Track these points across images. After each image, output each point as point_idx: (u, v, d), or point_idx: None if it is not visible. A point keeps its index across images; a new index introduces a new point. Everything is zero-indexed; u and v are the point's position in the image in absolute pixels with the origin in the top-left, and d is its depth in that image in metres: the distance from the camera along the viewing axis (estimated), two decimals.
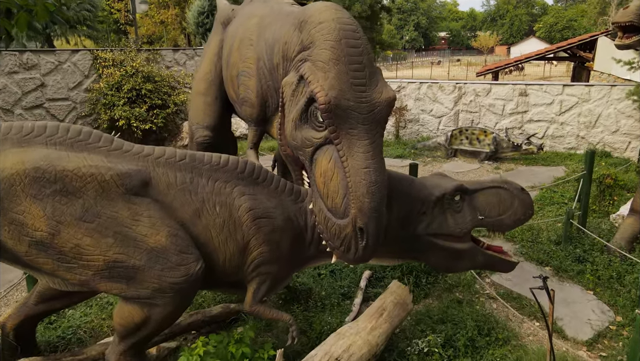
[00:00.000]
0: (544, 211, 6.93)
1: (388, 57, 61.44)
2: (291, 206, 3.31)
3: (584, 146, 10.70)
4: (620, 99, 10.23)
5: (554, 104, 10.87)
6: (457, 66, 54.83)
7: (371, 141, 2.83)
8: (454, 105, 11.81)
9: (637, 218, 5.15)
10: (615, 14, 3.56)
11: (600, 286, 4.68)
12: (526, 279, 4.89)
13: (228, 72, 4.62)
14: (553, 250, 5.34)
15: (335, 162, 2.88)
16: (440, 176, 3.72)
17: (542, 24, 67.78)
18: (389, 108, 2.90)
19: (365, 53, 2.89)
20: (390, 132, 12.46)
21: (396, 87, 12.27)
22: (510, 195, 3.64)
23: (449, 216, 3.46)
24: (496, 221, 3.57)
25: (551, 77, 39.39)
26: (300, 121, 3.03)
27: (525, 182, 8.57)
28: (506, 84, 11.41)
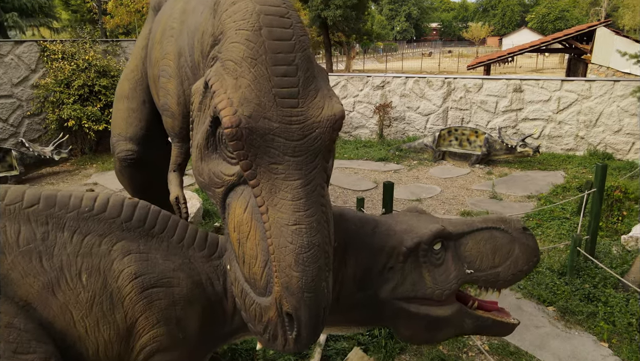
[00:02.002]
0: (543, 228, 6.03)
1: (379, 48, 60.54)
2: (203, 265, 2.35)
3: (583, 147, 9.84)
4: (623, 95, 9.34)
5: (552, 101, 9.97)
6: (448, 58, 53.94)
7: (305, 182, 1.87)
8: (442, 102, 10.87)
9: None
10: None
11: (617, 336, 3.79)
12: (526, 326, 3.99)
13: (151, 71, 3.64)
14: (557, 285, 4.44)
15: (253, 214, 1.94)
16: (416, 215, 2.78)
17: (534, 14, 66.89)
18: (334, 131, 1.95)
19: (300, 48, 1.93)
20: (373, 132, 11.51)
21: (380, 82, 11.32)
22: (508, 239, 2.71)
23: (425, 273, 2.53)
24: (490, 275, 2.64)
25: (544, 70, 38.63)
26: (206, 148, 2.07)
27: (522, 190, 7.69)
28: (499, 78, 10.48)
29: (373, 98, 11.46)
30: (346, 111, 11.69)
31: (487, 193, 7.58)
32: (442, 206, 7.11)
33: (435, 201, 7.32)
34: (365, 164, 9.40)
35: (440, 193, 7.67)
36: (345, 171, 9.01)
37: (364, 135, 11.64)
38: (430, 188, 7.88)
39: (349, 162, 9.57)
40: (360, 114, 11.66)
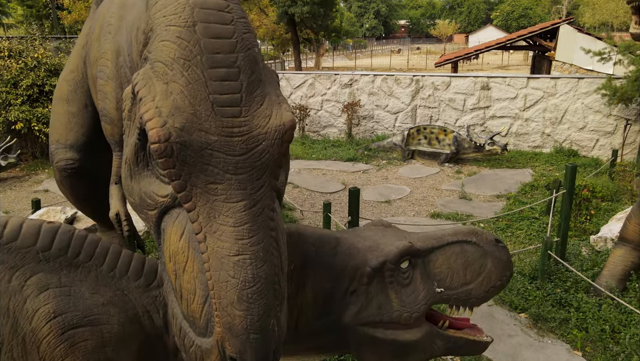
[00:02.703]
0: (513, 229, 5.94)
1: (348, 45, 60.55)
2: (140, 296, 2.04)
3: (550, 144, 9.89)
4: (587, 92, 9.43)
5: (518, 99, 9.98)
6: (417, 55, 54.42)
7: (249, 203, 1.61)
8: (411, 100, 10.75)
9: (629, 249, 4.18)
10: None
11: (591, 344, 3.67)
12: (498, 336, 3.84)
13: (90, 72, 3.29)
14: (529, 290, 4.32)
15: (190, 242, 1.66)
16: (381, 229, 2.55)
17: (499, 12, 68.32)
18: (283, 143, 1.68)
19: (242, 48, 1.65)
20: (342, 131, 11.30)
21: (348, 80, 11.11)
22: (480, 252, 2.51)
23: (392, 294, 2.30)
24: (462, 293, 2.44)
25: (509, 66, 39.38)
26: (136, 165, 1.78)
27: (491, 190, 7.62)
28: (467, 76, 10.44)
29: (341, 97, 11.25)
30: (314, 109, 11.45)
31: (456, 193, 7.47)
32: (411, 207, 6.96)
33: (404, 202, 7.16)
34: (333, 165, 9.18)
35: (409, 193, 7.51)
36: (313, 172, 8.76)
37: (333, 134, 11.42)
38: (400, 189, 7.73)
39: (317, 163, 9.33)
40: (328, 113, 11.44)
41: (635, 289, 4.08)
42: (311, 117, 11.48)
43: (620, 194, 6.99)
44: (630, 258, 4.16)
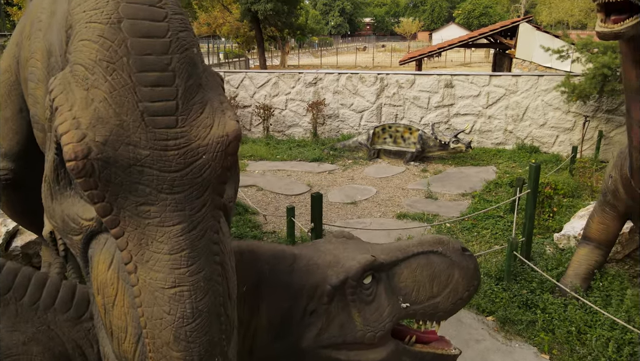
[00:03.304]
0: (479, 228, 5.92)
1: (314, 43, 60.40)
2: (69, 330, 1.81)
3: (512, 141, 10.02)
4: (547, 90, 9.59)
5: (481, 96, 10.06)
6: (382, 52, 54.81)
7: (188, 226, 1.40)
8: (376, 98, 10.68)
9: (592, 248, 4.19)
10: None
11: (558, 346, 3.64)
12: (466, 341, 3.76)
13: (22, 73, 2.99)
14: (495, 292, 4.26)
15: (119, 272, 1.45)
16: (342, 242, 2.39)
17: (461, 10, 69.66)
18: (227, 155, 1.48)
19: (178, 48, 1.44)
20: (307, 130, 11.13)
21: (312, 79, 10.94)
22: (447, 263, 2.39)
23: (355, 313, 2.14)
24: (429, 307, 2.32)
25: (472, 64, 40.15)
26: (57, 183, 1.55)
27: (456, 188, 7.61)
28: (430, 74, 10.45)
29: (306, 95, 11.07)
30: (278, 109, 11.23)
31: (422, 193, 7.42)
32: (377, 208, 6.86)
33: (370, 203, 7.06)
34: (298, 165, 8.99)
35: (375, 194, 7.42)
36: (277, 173, 8.55)
37: (298, 134, 11.24)
38: (366, 189, 7.62)
39: (282, 164, 9.12)
40: (293, 112, 11.24)
41: (600, 289, 4.09)
42: (276, 117, 11.25)
43: (581, 190, 7.11)
44: (593, 257, 4.17)
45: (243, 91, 11.45)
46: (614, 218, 4.06)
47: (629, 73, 2.86)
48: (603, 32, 2.38)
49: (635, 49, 2.65)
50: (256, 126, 11.49)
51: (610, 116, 9.22)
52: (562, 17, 46.29)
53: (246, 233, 5.79)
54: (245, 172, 8.58)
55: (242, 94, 11.45)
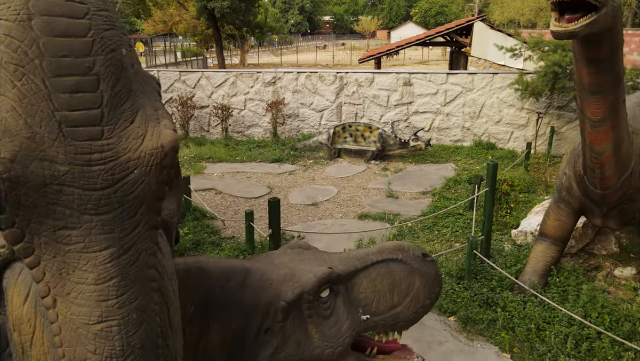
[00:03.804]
0: (439, 227, 5.94)
1: (274, 41, 59.95)
2: None
3: (469, 138, 10.19)
4: (502, 87, 9.80)
5: (439, 94, 10.17)
6: (342, 50, 55.02)
7: (118, 250, 1.24)
8: (335, 97, 10.62)
9: (549, 244, 4.25)
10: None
11: (518, 344, 3.66)
12: (429, 344, 3.72)
13: None
14: (457, 291, 4.26)
15: (37, 306, 1.27)
16: (298, 253, 2.27)
17: (418, 9, 70.87)
18: (163, 169, 1.33)
19: (103, 49, 1.26)
20: (267, 130, 10.94)
21: (271, 78, 10.76)
22: (407, 271, 2.32)
23: (312, 328, 2.03)
24: (389, 318, 2.24)
25: (429, 62, 40.90)
26: None
27: (417, 186, 7.64)
28: (389, 72, 10.47)
29: (265, 95, 10.87)
30: (237, 109, 10.99)
31: (383, 192, 7.41)
32: (339, 209, 6.78)
33: (332, 203, 6.98)
34: (258, 167, 8.81)
35: (337, 194, 7.34)
36: (237, 176, 8.34)
37: (257, 134, 11.03)
38: (327, 190, 7.53)
39: (241, 166, 8.90)
40: (252, 112, 11.02)
41: (557, 284, 4.16)
42: (234, 117, 11.00)
43: (536, 185, 7.28)
44: (550, 253, 4.23)
45: (200, 91, 11.13)
46: (569, 214, 4.14)
47: (581, 72, 2.88)
48: (558, 31, 2.37)
49: (588, 48, 2.66)
50: (214, 126, 11.20)
51: (561, 112, 9.52)
52: (514, 16, 47.89)
53: (204, 238, 5.58)
54: (203, 175, 8.33)
55: (199, 94, 11.13)
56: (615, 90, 2.93)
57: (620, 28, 2.62)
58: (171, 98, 11.12)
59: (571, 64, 7.85)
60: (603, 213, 3.91)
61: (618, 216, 3.90)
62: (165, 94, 11.26)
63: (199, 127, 11.27)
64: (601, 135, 3.12)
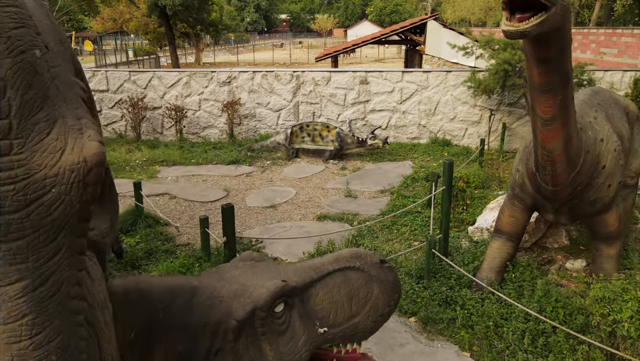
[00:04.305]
0: (398, 226, 5.95)
1: (230, 39, 59.09)
2: None
3: (426, 135, 10.32)
4: (455, 85, 9.97)
5: (395, 92, 10.25)
6: (299, 49, 54.89)
7: (33, 282, 1.09)
8: (292, 96, 10.50)
9: (504, 240, 4.31)
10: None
11: (477, 342, 3.68)
12: (390, 346, 3.68)
13: None
14: (416, 291, 4.25)
15: None
16: (250, 266, 2.14)
17: (373, 7, 71.69)
18: (87, 187, 1.18)
19: (10, 50, 1.11)
20: (223, 131, 10.68)
21: (226, 78, 10.51)
22: (365, 278, 2.24)
23: (266, 346, 1.91)
24: (348, 329, 2.15)
25: (385, 59, 41.44)
26: None
27: (375, 185, 7.64)
28: (346, 71, 10.45)
29: (220, 95, 10.61)
30: (191, 110, 10.67)
31: (342, 192, 7.36)
32: (297, 210, 6.68)
33: (290, 205, 6.86)
34: (215, 169, 8.57)
35: (295, 195, 7.23)
36: (192, 179, 8.07)
37: (214, 135, 10.75)
38: (285, 191, 7.41)
39: (196, 169, 8.63)
40: (207, 113, 10.73)
41: (513, 280, 4.22)
42: (189, 119, 10.68)
43: (490, 181, 7.44)
44: (505, 249, 4.29)
45: (152, 91, 10.73)
46: (523, 210, 4.20)
47: (532, 71, 2.90)
48: (509, 30, 2.35)
49: (538, 47, 2.68)
50: (168, 128, 10.83)
51: (512, 108, 9.80)
52: (465, 15, 49.26)
53: (157, 247, 5.33)
54: (156, 180, 8.01)
55: (151, 95, 10.73)
56: (565, 89, 2.97)
57: (568, 27, 2.65)
58: (121, 99, 10.67)
59: (520, 62, 8.08)
60: (555, 208, 4.00)
61: (568, 212, 3.99)
62: (114, 95, 10.79)
63: (152, 129, 10.87)
64: (552, 133, 3.16)
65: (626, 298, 3.00)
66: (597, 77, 9.17)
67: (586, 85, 8.29)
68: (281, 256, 5.25)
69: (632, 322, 2.89)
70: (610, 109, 4.30)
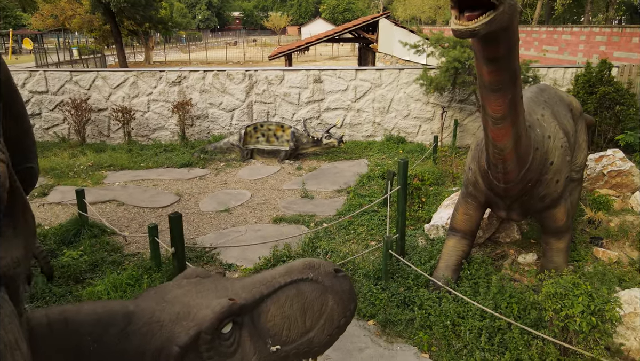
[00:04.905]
0: (355, 226, 5.90)
1: (182, 37, 57.63)
2: None
3: (380, 133, 10.37)
4: (408, 82, 10.07)
5: (349, 90, 10.23)
6: (253, 47, 54.22)
7: None
8: (246, 96, 10.27)
9: (459, 238, 4.33)
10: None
11: (436, 342, 3.67)
12: (349, 352, 3.61)
13: None
14: (374, 293, 4.20)
15: None
16: (194, 284, 1.99)
17: (326, 5, 71.85)
18: None
19: None
20: (175, 133, 10.32)
21: (176, 78, 10.14)
22: (319, 290, 2.15)
23: None
24: (302, 345, 2.05)
25: (339, 57, 41.61)
26: None
27: (331, 184, 7.58)
28: (299, 69, 10.33)
29: (170, 95, 10.23)
30: (140, 111, 10.23)
31: (298, 192, 7.25)
32: (253, 213, 6.51)
33: (245, 208, 6.68)
34: (166, 173, 8.23)
35: (250, 198, 7.05)
36: (141, 184, 7.72)
37: (164, 137, 10.36)
38: (240, 194, 7.21)
39: (146, 173, 8.27)
40: (157, 114, 10.32)
41: (468, 278, 4.25)
42: (137, 120, 10.23)
43: (444, 177, 7.54)
44: (461, 247, 4.32)
45: (96, 92, 10.21)
46: (476, 208, 4.24)
47: (482, 70, 2.89)
48: (459, 29, 2.31)
49: (487, 46, 2.66)
50: (115, 131, 10.34)
51: (462, 105, 10.00)
52: (415, 13, 50.25)
53: (103, 258, 5.03)
54: (103, 186, 7.60)
55: (96, 96, 10.20)
56: (514, 87, 2.98)
57: (516, 26, 2.65)
58: (62, 101, 10.08)
59: (470, 59, 8.23)
60: (507, 205, 4.05)
61: (520, 208, 4.06)
62: (55, 96, 10.19)
63: (98, 132, 10.34)
64: (502, 132, 3.18)
65: (577, 293, 3.05)
66: (542, 73, 9.50)
67: (531, 82, 8.56)
68: (236, 262, 5.08)
69: (583, 317, 2.94)
70: (556, 105, 4.41)
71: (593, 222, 5.49)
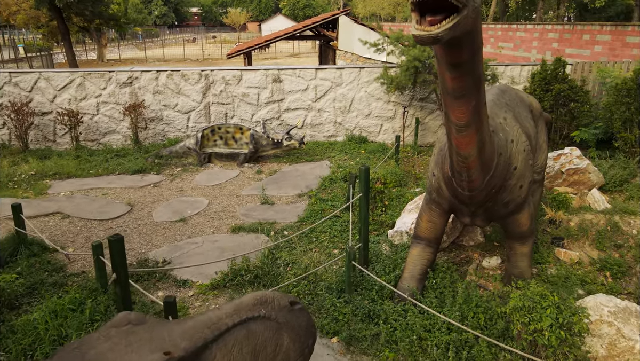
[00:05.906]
0: (317, 233, 5.68)
1: (138, 34, 55.82)
2: None
3: (342, 132, 10.20)
4: (369, 81, 9.93)
5: (309, 90, 9.99)
6: (212, 44, 53.10)
7: None
8: (202, 97, 9.86)
9: (424, 246, 4.18)
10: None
11: (403, 359, 3.50)
12: None
13: None
14: (338, 307, 3.99)
15: None
16: (125, 334, 1.71)
17: (287, 2, 71.26)
18: None
19: None
20: (127, 137, 9.78)
21: (127, 78, 9.61)
22: (273, 329, 1.91)
23: None
24: None
25: (300, 54, 41.30)
26: None
27: (293, 188, 7.33)
28: (258, 69, 10.00)
29: (121, 97, 9.69)
30: (89, 114, 9.64)
31: (258, 198, 6.96)
32: (210, 222, 6.18)
33: (202, 217, 6.34)
34: (117, 181, 7.76)
35: (207, 206, 6.71)
36: (90, 193, 7.23)
37: (116, 142, 9.81)
38: (197, 201, 6.86)
39: (95, 181, 7.76)
40: (107, 117, 9.75)
41: (434, 287, 4.11)
42: (86, 124, 9.64)
43: (407, 178, 7.43)
44: (425, 255, 4.17)
45: (39, 95, 9.54)
46: (440, 215, 4.10)
47: (445, 75, 2.71)
48: (420, 36, 2.11)
49: (450, 51, 2.49)
50: (62, 136, 9.70)
51: (423, 103, 9.96)
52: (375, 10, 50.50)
53: (43, 279, 4.60)
54: (46, 197, 7.07)
55: (39, 99, 9.53)
56: (478, 93, 2.83)
57: (479, 30, 2.49)
58: (1, 105, 9.36)
59: (430, 58, 8.16)
60: (471, 212, 3.93)
61: (484, 214, 3.95)
62: None
63: (42, 137, 9.68)
64: (466, 139, 3.03)
65: (545, 305, 2.95)
66: (499, 71, 9.56)
67: (490, 80, 8.59)
68: (191, 278, 4.76)
69: (552, 330, 2.84)
70: (517, 107, 4.33)
71: (554, 222, 5.49)
